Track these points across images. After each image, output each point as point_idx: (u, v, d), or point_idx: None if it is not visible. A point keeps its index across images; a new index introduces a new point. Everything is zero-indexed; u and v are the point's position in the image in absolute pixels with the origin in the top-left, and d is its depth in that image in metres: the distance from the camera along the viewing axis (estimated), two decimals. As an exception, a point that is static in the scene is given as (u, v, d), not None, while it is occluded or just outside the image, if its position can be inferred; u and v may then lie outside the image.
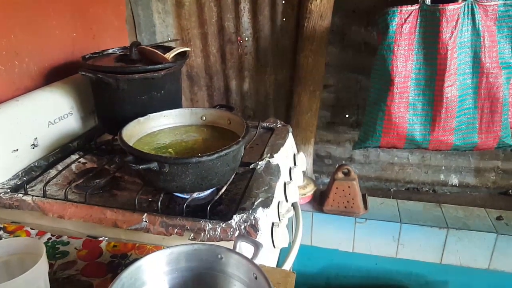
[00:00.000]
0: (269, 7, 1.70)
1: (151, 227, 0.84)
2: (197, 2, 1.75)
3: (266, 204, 0.88)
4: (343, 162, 1.94)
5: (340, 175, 1.70)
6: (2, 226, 0.94)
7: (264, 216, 0.84)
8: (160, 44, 1.33)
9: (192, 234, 0.81)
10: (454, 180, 1.88)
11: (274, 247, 0.88)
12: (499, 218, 1.70)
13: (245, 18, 1.74)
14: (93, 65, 1.14)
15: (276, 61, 1.81)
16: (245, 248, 0.73)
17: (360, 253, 1.78)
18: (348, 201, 1.70)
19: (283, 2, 1.68)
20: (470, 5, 1.30)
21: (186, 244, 0.70)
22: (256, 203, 0.88)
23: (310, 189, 1.79)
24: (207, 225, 0.81)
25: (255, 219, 0.81)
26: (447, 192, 1.91)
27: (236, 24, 1.76)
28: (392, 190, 1.95)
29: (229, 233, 0.79)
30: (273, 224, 0.89)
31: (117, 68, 1.13)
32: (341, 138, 1.92)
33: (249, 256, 0.66)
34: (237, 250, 0.69)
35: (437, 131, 1.42)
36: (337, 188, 1.69)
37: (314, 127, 1.82)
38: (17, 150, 1.06)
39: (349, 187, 1.68)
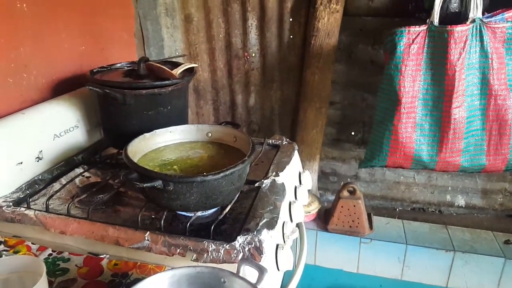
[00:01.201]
0: (276, 24, 1.71)
1: (153, 246, 0.83)
2: (206, 18, 1.76)
3: (271, 225, 0.86)
4: (348, 179, 1.92)
5: (345, 193, 1.68)
6: (3, 240, 0.93)
7: (268, 238, 0.83)
8: (168, 60, 1.33)
9: (194, 255, 0.80)
10: (461, 201, 1.86)
11: (278, 270, 0.86)
12: (507, 242, 1.67)
13: (253, 35, 1.75)
14: (100, 80, 1.15)
15: (282, 77, 1.81)
16: (249, 272, 0.71)
17: (365, 274, 1.75)
18: (353, 221, 1.68)
19: (291, 19, 1.69)
20: (478, 27, 1.29)
21: (188, 266, 0.68)
22: (260, 224, 0.86)
23: (314, 207, 1.77)
24: (210, 246, 0.80)
25: (259, 241, 0.80)
26: (453, 213, 1.88)
27: (244, 40, 1.77)
28: (397, 209, 1.93)
29: (232, 255, 0.78)
30: (277, 246, 0.87)
31: (124, 83, 1.13)
32: (347, 155, 1.90)
33: (253, 280, 0.65)
34: (240, 274, 0.68)
35: (444, 152, 1.41)
36: (342, 206, 1.68)
37: (320, 143, 1.81)
38: (21, 163, 1.05)
39: (354, 206, 1.66)
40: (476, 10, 1.27)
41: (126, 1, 1.72)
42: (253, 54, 1.79)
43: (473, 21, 1.28)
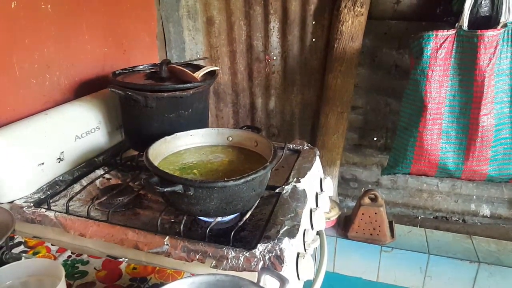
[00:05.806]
0: (299, 27, 1.69)
1: (172, 251, 0.82)
2: (227, 20, 1.75)
3: (292, 233, 0.84)
4: (370, 186, 1.89)
5: (366, 200, 1.64)
6: (23, 240, 0.93)
7: (289, 246, 0.81)
8: (190, 62, 1.33)
9: (214, 262, 0.78)
10: (486, 210, 1.80)
11: (299, 279, 0.84)
12: (534, 254, 1.61)
13: (274, 38, 1.74)
14: (122, 82, 1.14)
15: (303, 81, 1.79)
16: (269, 282, 0.69)
17: (385, 283, 1.71)
18: (374, 228, 1.64)
19: (313, 22, 1.66)
20: (510, 31, 1.24)
21: (208, 274, 0.67)
22: (281, 232, 0.84)
23: (334, 214, 1.74)
24: (230, 253, 0.78)
25: (280, 250, 0.78)
26: (478, 223, 1.82)
27: (265, 43, 1.76)
28: (419, 217, 1.88)
29: (252, 263, 0.76)
30: (298, 254, 0.85)
31: (146, 86, 1.12)
32: (368, 161, 1.87)
33: (274, 291, 0.63)
34: (261, 283, 0.66)
35: (471, 161, 1.36)
36: (363, 214, 1.64)
37: (341, 148, 1.78)
38: (43, 163, 1.05)
39: (375, 213, 1.63)
40: (508, 14, 1.23)
41: (149, 3, 1.72)
42: (274, 57, 1.78)
43: (505, 25, 1.24)
